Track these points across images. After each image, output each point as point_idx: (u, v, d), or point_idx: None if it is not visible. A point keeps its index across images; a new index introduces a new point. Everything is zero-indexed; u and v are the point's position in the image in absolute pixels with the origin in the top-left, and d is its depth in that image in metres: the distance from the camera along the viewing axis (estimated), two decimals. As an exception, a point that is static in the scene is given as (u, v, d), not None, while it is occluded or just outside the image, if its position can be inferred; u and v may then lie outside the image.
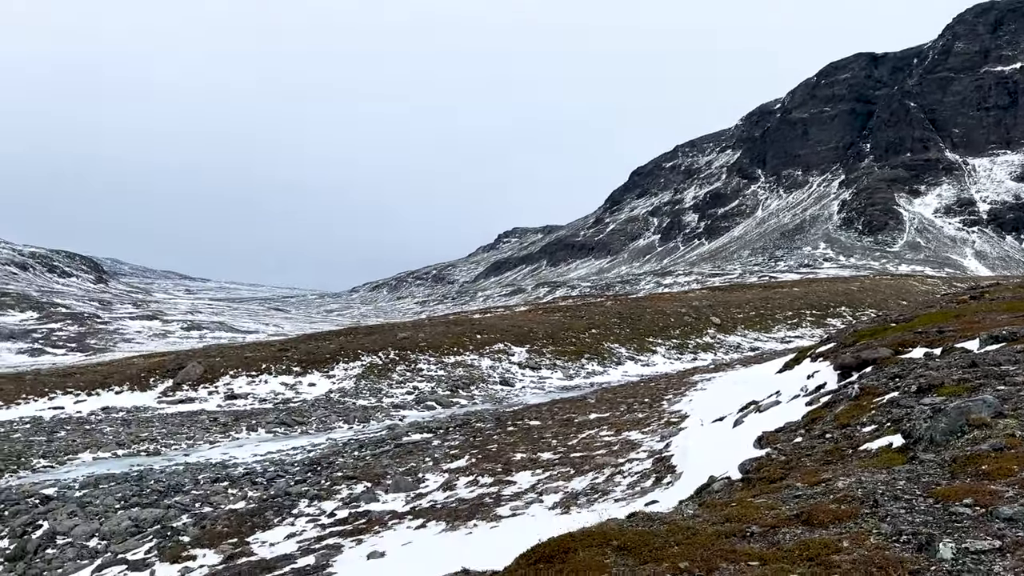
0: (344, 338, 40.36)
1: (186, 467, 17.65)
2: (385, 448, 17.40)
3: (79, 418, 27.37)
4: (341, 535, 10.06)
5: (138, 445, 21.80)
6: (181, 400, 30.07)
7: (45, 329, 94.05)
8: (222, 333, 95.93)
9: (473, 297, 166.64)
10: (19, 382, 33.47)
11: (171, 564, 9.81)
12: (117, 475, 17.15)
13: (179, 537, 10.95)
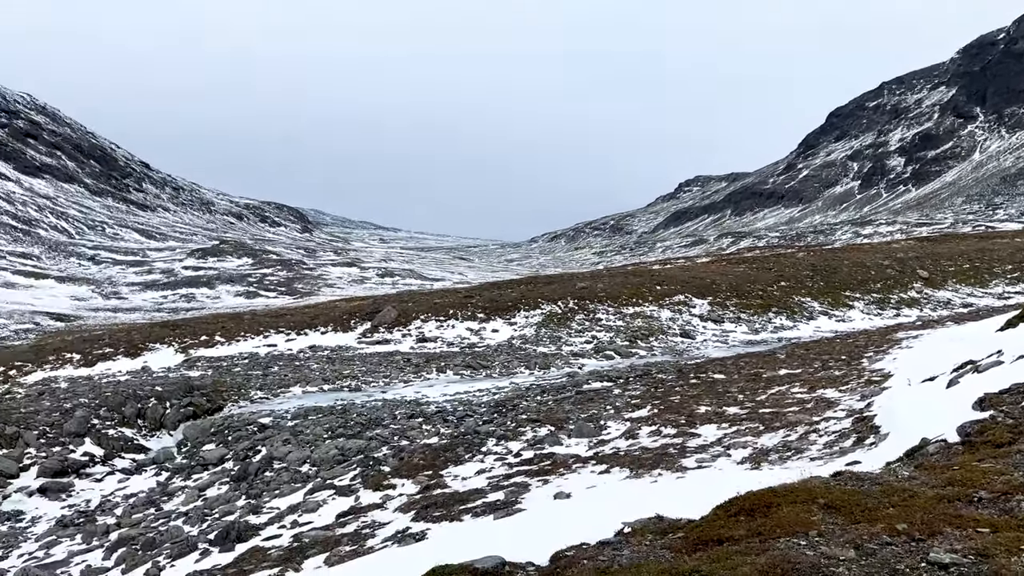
0: (525, 287, 41.18)
1: (384, 403, 18.84)
2: (566, 394, 17.65)
3: (289, 355, 29.97)
4: (527, 474, 10.35)
5: (341, 381, 23.56)
6: (378, 341, 32.09)
7: (259, 274, 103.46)
8: (412, 280, 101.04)
9: (651, 248, 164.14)
10: (239, 321, 37.11)
11: (374, 491, 10.55)
12: (323, 408, 18.63)
13: (380, 467, 11.74)
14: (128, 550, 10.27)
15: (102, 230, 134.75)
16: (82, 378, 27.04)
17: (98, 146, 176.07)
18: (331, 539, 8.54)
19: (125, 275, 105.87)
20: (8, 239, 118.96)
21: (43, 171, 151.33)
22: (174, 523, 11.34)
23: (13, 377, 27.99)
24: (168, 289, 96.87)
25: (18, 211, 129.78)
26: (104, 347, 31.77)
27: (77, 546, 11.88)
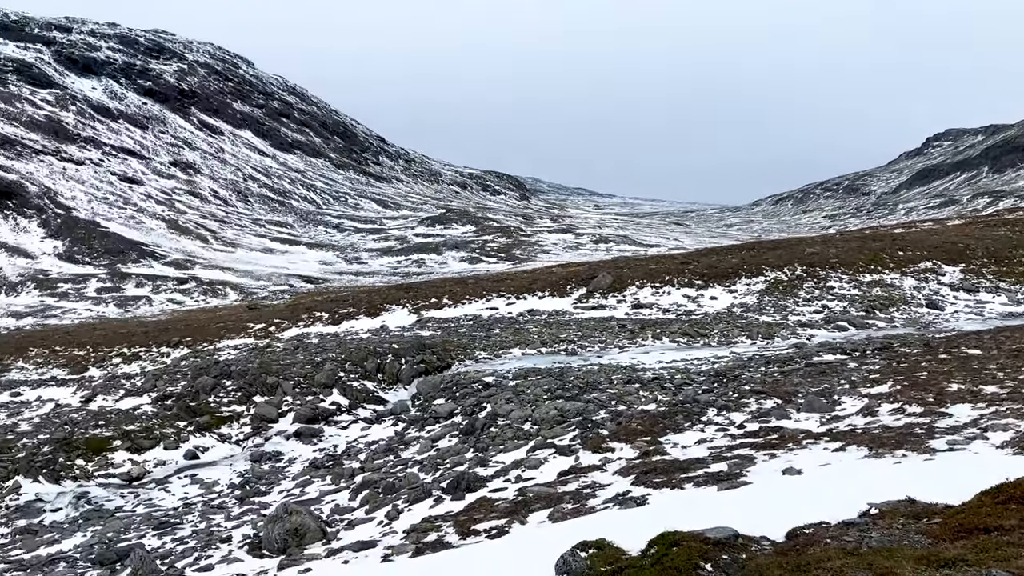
0: (746, 253, 39.48)
1: (600, 368, 18.98)
2: (794, 366, 16.74)
3: (509, 318, 31.06)
4: (752, 447, 9.96)
5: (557, 345, 24.05)
6: (593, 307, 32.35)
7: (480, 240, 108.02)
8: (626, 246, 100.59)
9: (893, 210, 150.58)
10: (464, 285, 39.03)
11: (593, 453, 10.68)
12: (542, 369, 19.13)
13: (599, 430, 11.86)
14: (371, 492, 11.22)
15: (345, 200, 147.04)
16: (330, 335, 29.82)
17: (341, 123, 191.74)
18: (554, 496, 8.76)
19: (365, 242, 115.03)
20: (266, 209, 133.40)
21: (294, 147, 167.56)
22: (410, 470, 12.21)
23: (272, 333, 31.47)
24: (401, 255, 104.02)
25: (274, 184, 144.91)
26: (348, 307, 34.78)
27: (327, 486, 13.17)
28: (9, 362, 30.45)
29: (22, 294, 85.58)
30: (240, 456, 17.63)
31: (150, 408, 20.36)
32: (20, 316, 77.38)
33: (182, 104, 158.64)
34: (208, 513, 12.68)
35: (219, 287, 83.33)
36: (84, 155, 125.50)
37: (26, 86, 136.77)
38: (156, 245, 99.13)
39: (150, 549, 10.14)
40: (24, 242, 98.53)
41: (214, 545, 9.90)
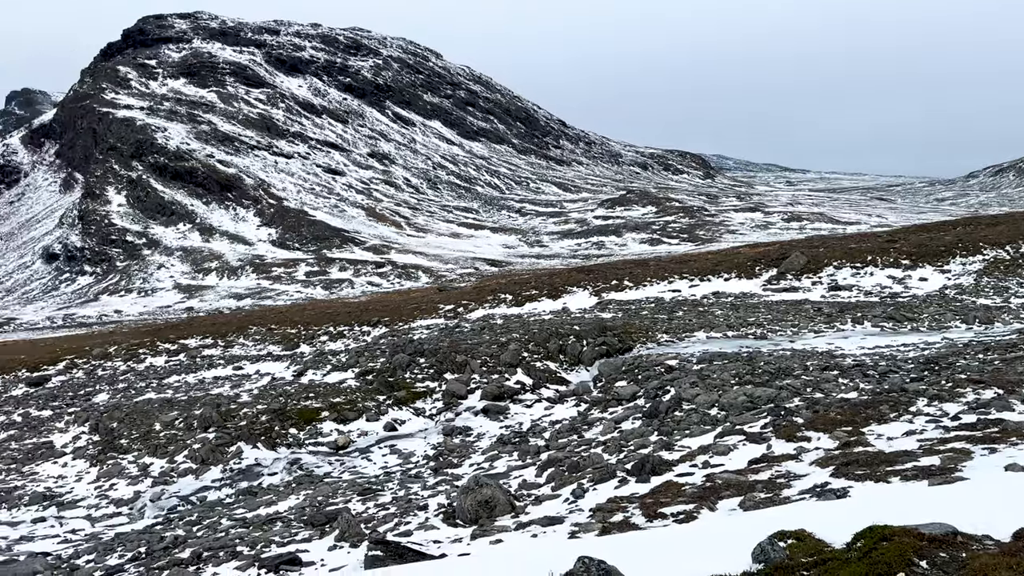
0: (961, 229, 35.98)
1: (792, 353, 18.09)
2: (1018, 353, 15.08)
3: (693, 300, 30.33)
4: (969, 440, 9.09)
5: (745, 328, 23.18)
6: (785, 289, 30.84)
7: (661, 222, 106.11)
8: (821, 224, 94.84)
9: None
10: (644, 267, 38.56)
11: (786, 441, 10.21)
12: (728, 354, 18.52)
13: (792, 418, 11.31)
14: (556, 470, 11.42)
15: (527, 185, 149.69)
16: (514, 316, 30.58)
17: (523, 108, 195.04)
18: (744, 484, 8.48)
19: (546, 225, 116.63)
20: (454, 195, 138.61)
21: (479, 135, 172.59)
22: (594, 451, 12.30)
23: (460, 314, 32.75)
24: (581, 237, 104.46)
25: (461, 171, 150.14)
26: (531, 289, 35.48)
27: (514, 462, 13.55)
28: (232, 339, 33.82)
29: (241, 277, 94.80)
30: (433, 429, 18.54)
31: (353, 382, 21.87)
32: (240, 297, 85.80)
33: (378, 98, 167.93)
34: (406, 482, 13.46)
35: (412, 270, 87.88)
36: (292, 149, 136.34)
37: (242, 86, 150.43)
38: (356, 232, 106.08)
39: (355, 513, 10.93)
40: (243, 230, 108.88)
41: (412, 512, 10.50)
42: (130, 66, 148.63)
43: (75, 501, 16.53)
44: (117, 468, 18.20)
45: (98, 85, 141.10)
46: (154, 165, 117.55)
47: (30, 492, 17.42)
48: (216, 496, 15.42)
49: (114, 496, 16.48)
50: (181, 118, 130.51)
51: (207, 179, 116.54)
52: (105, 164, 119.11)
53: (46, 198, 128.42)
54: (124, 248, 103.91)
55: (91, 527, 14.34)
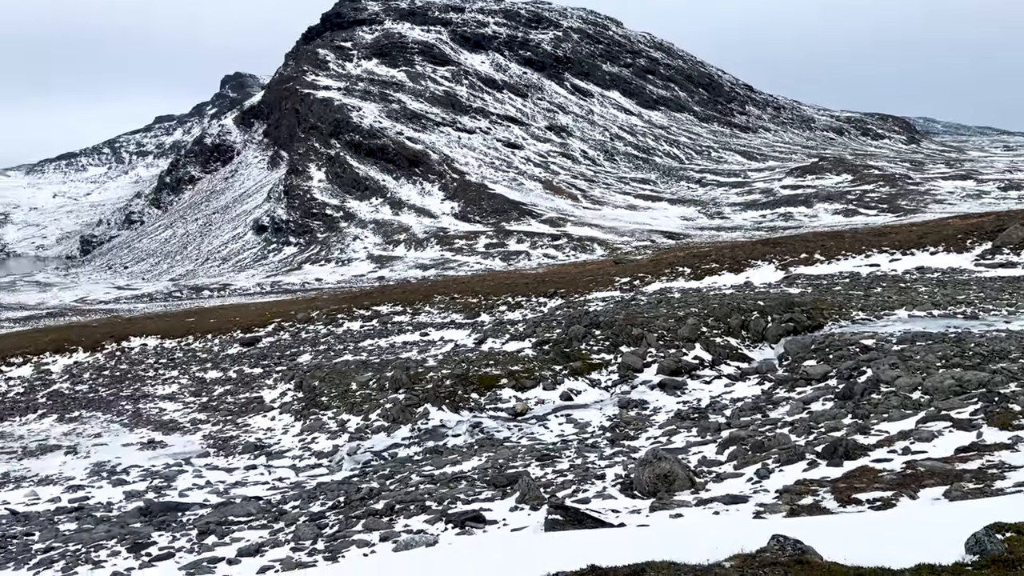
0: None
1: (1009, 334, 16.36)
2: None
3: (893, 276, 28.13)
4: None
5: (953, 307, 21.21)
6: (1000, 264, 27.89)
7: (858, 191, 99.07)
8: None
9: None
10: (839, 240, 36.22)
11: (1000, 430, 9.28)
12: (933, 334, 17.06)
13: (1008, 404, 10.25)
14: (738, 448, 11.07)
15: (707, 154, 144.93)
16: (692, 290, 29.84)
17: (706, 74, 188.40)
18: (950, 472, 7.81)
19: (727, 196, 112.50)
20: (631, 167, 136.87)
21: (659, 103, 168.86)
22: (780, 431, 11.79)
23: (636, 287, 32.40)
24: (767, 208, 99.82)
25: (639, 141, 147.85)
26: (710, 263, 34.43)
27: (693, 438, 13.29)
28: (419, 306, 35.52)
29: (427, 249, 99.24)
30: (608, 401, 18.56)
31: (531, 352, 22.31)
32: (425, 268, 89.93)
33: (557, 71, 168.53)
34: (583, 451, 13.60)
35: (587, 243, 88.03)
36: (474, 124, 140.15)
37: (429, 65, 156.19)
38: (534, 204, 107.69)
39: (534, 477, 11.20)
40: (428, 204, 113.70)
41: (589, 481, 10.60)
42: (328, 49, 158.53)
43: (281, 452, 18.12)
44: (318, 423, 19.74)
45: (300, 68, 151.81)
46: (350, 143, 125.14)
47: (243, 442, 19.30)
48: (405, 453, 16.34)
49: (315, 449, 17.90)
50: (374, 97, 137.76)
51: (397, 155, 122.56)
52: (307, 142, 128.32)
53: (256, 174, 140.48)
54: (324, 221, 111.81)
55: (295, 476, 15.68)
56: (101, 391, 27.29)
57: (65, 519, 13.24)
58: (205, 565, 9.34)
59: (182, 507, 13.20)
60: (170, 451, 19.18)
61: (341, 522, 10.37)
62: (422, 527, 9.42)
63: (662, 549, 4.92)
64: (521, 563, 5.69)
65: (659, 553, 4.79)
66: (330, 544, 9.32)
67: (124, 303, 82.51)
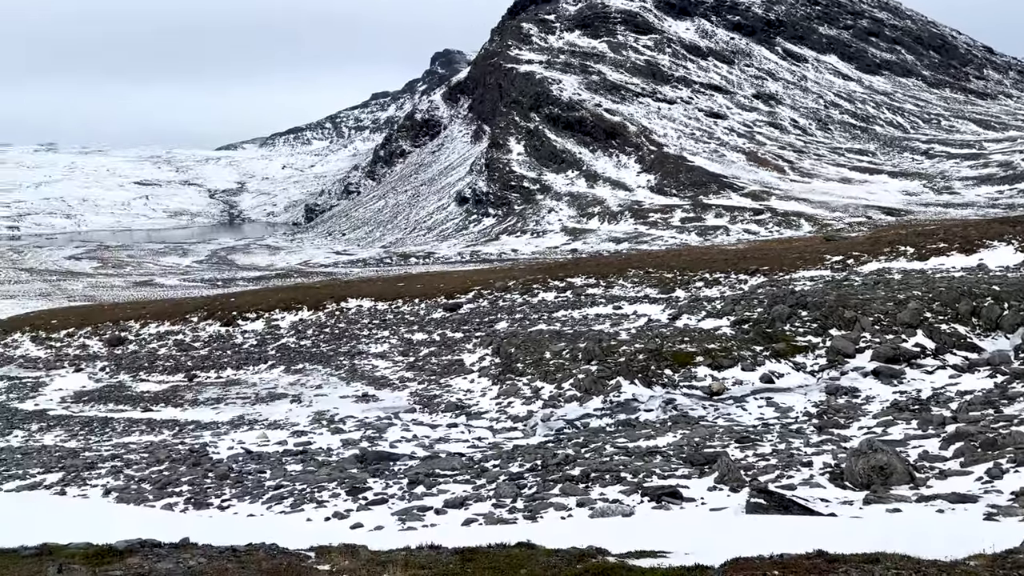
0: None
1: None
2: None
3: None
4: None
5: None
6: None
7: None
8: None
9: None
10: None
11: None
12: None
13: None
14: (966, 445, 10.11)
15: (937, 123, 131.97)
16: (915, 271, 27.44)
17: (938, 35, 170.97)
18: None
19: (958, 169, 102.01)
20: (847, 137, 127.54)
21: (882, 68, 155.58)
22: (1017, 428, 10.61)
23: (850, 266, 30.29)
24: (1005, 184, 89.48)
25: (857, 109, 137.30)
26: (937, 242, 31.43)
27: (912, 430, 12.30)
28: (612, 280, 35.47)
29: (620, 222, 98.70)
30: (814, 386, 17.60)
31: (728, 330, 21.60)
32: (619, 241, 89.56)
33: (768, 35, 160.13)
34: (787, 436, 13.01)
35: (793, 218, 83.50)
36: (675, 94, 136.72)
37: (631, 34, 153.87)
38: (735, 177, 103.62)
39: (734, 459, 10.88)
40: (624, 176, 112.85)
41: (795, 467, 10.13)
42: (532, 22, 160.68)
43: (480, 413, 18.91)
44: (514, 388, 20.36)
45: (504, 43, 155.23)
46: (549, 116, 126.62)
47: (445, 401, 20.34)
48: (597, 424, 16.47)
49: (511, 412, 18.51)
50: (574, 70, 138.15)
51: (594, 128, 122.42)
52: (508, 116, 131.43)
53: (460, 148, 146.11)
54: (521, 193, 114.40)
55: (492, 437, 16.31)
56: (322, 346, 29.80)
57: (291, 460, 14.65)
58: (415, 512, 9.99)
59: (393, 457, 14.18)
60: (381, 405, 20.61)
61: (539, 484, 10.66)
62: (617, 497, 9.47)
63: (883, 541, 4.60)
64: (722, 542, 5.57)
65: (882, 545, 4.48)
66: (529, 504, 9.63)
67: (341, 267, 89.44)
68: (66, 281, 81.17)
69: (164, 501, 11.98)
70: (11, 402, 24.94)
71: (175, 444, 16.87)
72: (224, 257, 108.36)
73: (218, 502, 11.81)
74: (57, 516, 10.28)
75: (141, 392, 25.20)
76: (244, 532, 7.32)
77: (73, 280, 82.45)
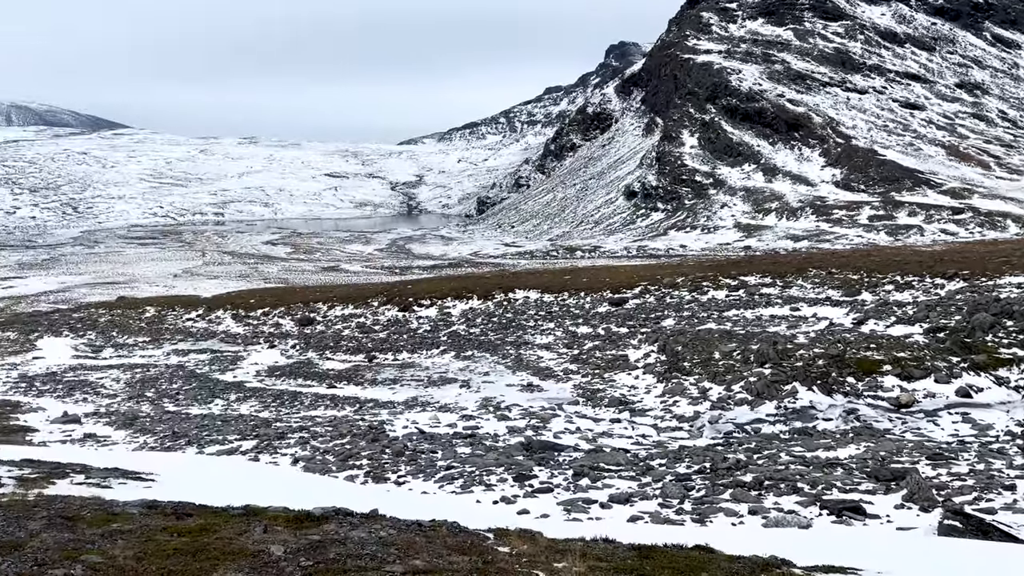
0: None
1: None
2: None
3: None
4: None
5: None
6: None
7: None
8: None
9: None
10: None
11: None
12: None
13: None
14: None
15: None
16: None
17: None
18: None
19: None
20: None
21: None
22: None
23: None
24: None
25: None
26: None
27: None
28: (790, 280, 33.81)
29: (800, 219, 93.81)
30: (1019, 403, 16.00)
31: (921, 338, 20.04)
32: (797, 239, 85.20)
33: (975, 19, 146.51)
34: (986, 456, 11.89)
35: (998, 219, 76.04)
36: (867, 83, 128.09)
37: (819, 21, 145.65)
38: (932, 173, 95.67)
39: (924, 477, 10.08)
40: (806, 171, 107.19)
41: (995, 489, 9.24)
42: (712, 11, 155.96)
43: (644, 410, 18.68)
44: (680, 387, 19.95)
45: (682, 33, 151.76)
46: (726, 107, 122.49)
47: (609, 396, 20.26)
48: (770, 430, 15.81)
49: (676, 412, 18.15)
50: (755, 59, 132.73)
51: (775, 119, 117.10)
52: (682, 108, 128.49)
53: (631, 141, 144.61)
54: (692, 187, 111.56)
55: (656, 436, 16.07)
56: (490, 335, 30.60)
57: (460, 443, 15.17)
58: (580, 504, 10.05)
59: (557, 448, 14.33)
60: (545, 395, 20.88)
61: (707, 488, 10.39)
62: (793, 507, 9.05)
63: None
64: (916, 564, 5.17)
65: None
66: (697, 507, 9.40)
67: (509, 258, 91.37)
68: (263, 264, 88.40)
69: (346, 473, 12.78)
70: (213, 373, 27.50)
71: (356, 420, 17.93)
72: (402, 246, 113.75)
73: (394, 477, 12.44)
74: (253, 480, 11.23)
75: (326, 369, 26.99)
76: (420, 508, 7.66)
77: (269, 264, 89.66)
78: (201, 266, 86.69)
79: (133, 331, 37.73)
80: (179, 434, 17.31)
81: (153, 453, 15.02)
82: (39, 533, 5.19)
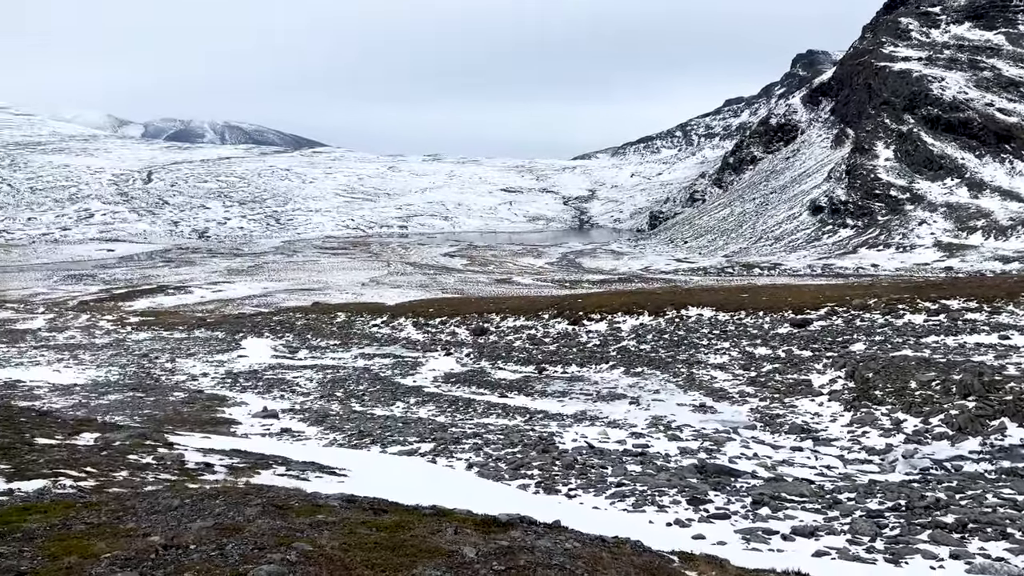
0: None
1: None
2: None
3: None
4: None
5: None
6: None
7: None
8: None
9: None
10: None
11: None
12: None
13: None
14: None
15: None
16: None
17: None
18: None
19: None
20: None
21: None
22: None
23: None
24: None
25: None
26: None
27: None
28: (999, 305, 30.71)
29: (1011, 239, 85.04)
30: None
31: None
32: (1007, 260, 77.27)
33: None
34: None
35: None
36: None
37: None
38: None
39: None
40: (1018, 186, 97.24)
41: None
42: (911, 16, 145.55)
43: (828, 440, 17.62)
44: (870, 417, 18.66)
45: (877, 40, 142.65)
46: (926, 117, 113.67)
47: (789, 422, 19.28)
48: (973, 468, 14.43)
49: (865, 443, 16.98)
50: (961, 66, 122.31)
51: (982, 130, 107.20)
52: (876, 119, 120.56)
53: (817, 153, 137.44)
54: (886, 202, 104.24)
55: (843, 467, 15.10)
56: (660, 352, 30.09)
57: (630, 460, 15.00)
58: (760, 534, 9.64)
59: (734, 473, 13.82)
60: (719, 417, 20.22)
61: (902, 526, 9.63)
62: (1002, 555, 8.20)
63: None
64: None
65: None
66: (890, 546, 8.74)
67: (681, 275, 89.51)
68: (441, 275, 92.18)
69: (518, 482, 13.02)
70: (395, 377, 28.95)
71: (526, 430, 18.23)
72: (572, 260, 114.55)
73: (565, 490, 12.52)
74: (433, 482, 11.71)
75: (498, 379, 27.66)
76: (594, 522, 7.67)
77: (446, 275, 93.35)
78: (386, 276, 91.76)
79: (325, 334, 40.55)
80: (364, 433, 18.35)
81: (342, 450, 16.01)
82: (255, 519, 5.72)
